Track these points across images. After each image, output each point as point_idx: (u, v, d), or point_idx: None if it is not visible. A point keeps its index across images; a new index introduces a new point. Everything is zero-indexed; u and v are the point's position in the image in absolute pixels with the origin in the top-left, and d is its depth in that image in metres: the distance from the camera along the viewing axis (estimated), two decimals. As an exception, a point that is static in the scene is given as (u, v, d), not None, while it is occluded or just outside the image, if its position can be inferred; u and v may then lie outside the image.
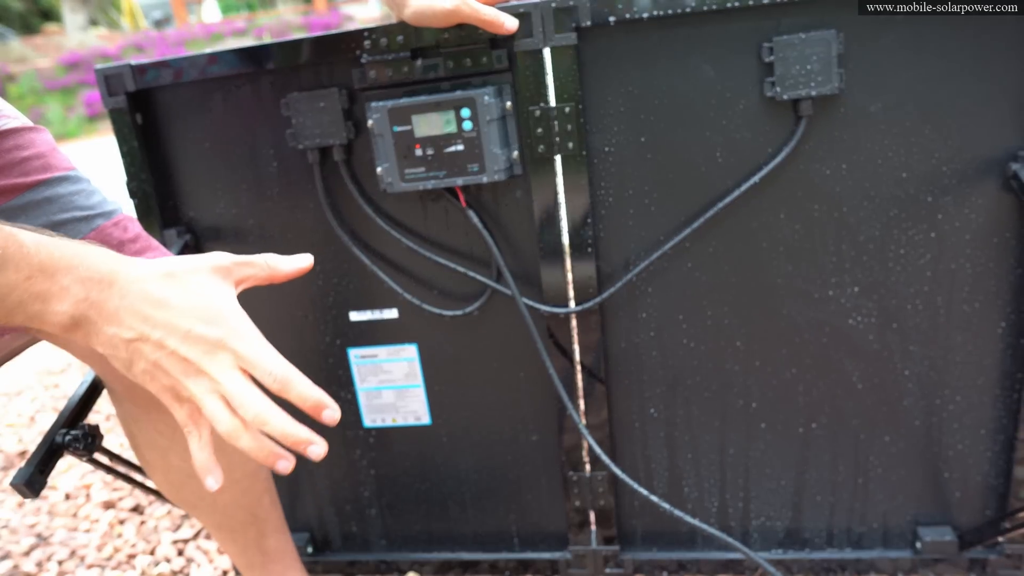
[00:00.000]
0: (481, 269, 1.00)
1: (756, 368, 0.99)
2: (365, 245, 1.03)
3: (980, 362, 0.95)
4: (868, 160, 0.88)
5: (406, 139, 0.91)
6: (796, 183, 0.90)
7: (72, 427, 0.79)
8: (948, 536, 1.01)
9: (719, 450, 1.04)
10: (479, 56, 0.89)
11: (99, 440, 0.80)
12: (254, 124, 1.00)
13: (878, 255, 0.92)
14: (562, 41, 0.87)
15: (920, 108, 0.86)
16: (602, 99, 0.91)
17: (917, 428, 0.99)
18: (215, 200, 1.05)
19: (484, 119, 0.88)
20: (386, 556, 1.19)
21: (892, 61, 0.85)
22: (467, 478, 1.13)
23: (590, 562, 1.11)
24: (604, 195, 0.95)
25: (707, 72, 0.88)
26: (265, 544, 0.99)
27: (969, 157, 0.87)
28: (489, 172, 0.90)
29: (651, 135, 0.91)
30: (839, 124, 0.87)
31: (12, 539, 1.43)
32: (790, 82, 0.84)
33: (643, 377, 1.02)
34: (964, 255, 0.91)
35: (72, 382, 2.14)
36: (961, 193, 0.88)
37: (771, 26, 0.85)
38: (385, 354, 1.09)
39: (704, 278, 0.96)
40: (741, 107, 0.88)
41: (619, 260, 0.97)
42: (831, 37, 0.83)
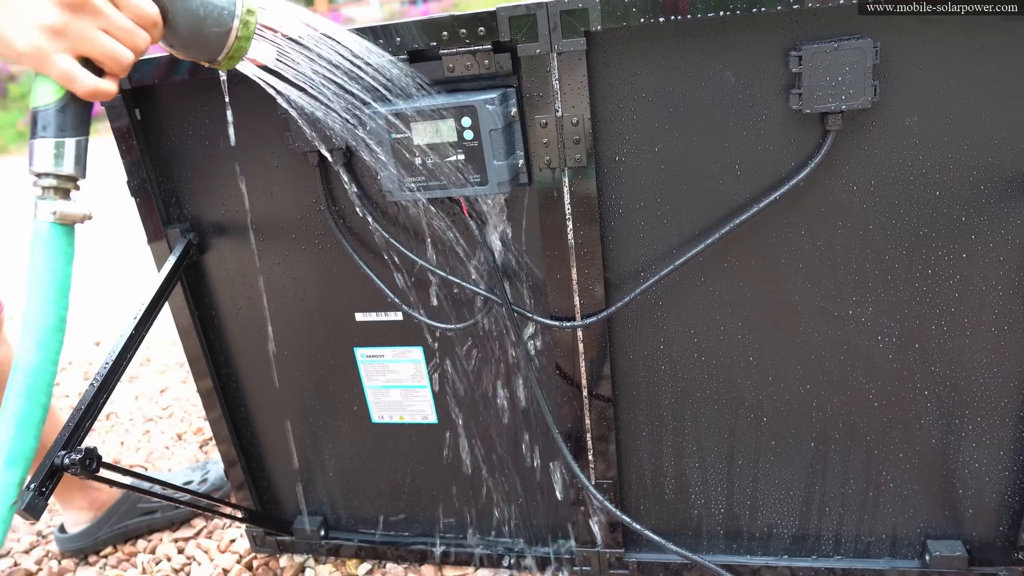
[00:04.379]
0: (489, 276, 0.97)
1: (768, 383, 0.96)
2: (369, 248, 1.00)
3: (1005, 384, 0.91)
4: (899, 177, 0.82)
5: (405, 147, 0.87)
6: (820, 199, 0.85)
7: (71, 449, 0.80)
8: (959, 551, 1.00)
9: (727, 461, 1.02)
10: (482, 59, 0.83)
11: (97, 462, 0.80)
12: (256, 123, 0.96)
13: (904, 275, 0.87)
14: (570, 47, 0.80)
15: (959, 123, 0.79)
16: (614, 107, 0.85)
17: (933, 446, 0.96)
18: (218, 199, 1.02)
19: (486, 128, 0.83)
20: (394, 540, 1.21)
21: (931, 72, 0.77)
22: (474, 474, 1.13)
23: (595, 562, 1.12)
24: (614, 206, 0.90)
25: (728, 79, 0.81)
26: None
27: (1010, 175, 0.80)
28: (491, 185, 0.86)
29: (666, 145, 0.86)
30: (870, 138, 0.81)
31: (12, 537, 1.45)
32: (819, 94, 0.78)
33: (651, 388, 1.00)
34: (996, 276, 0.85)
35: (72, 382, 2.16)
36: (999, 213, 0.82)
37: (800, 32, 0.78)
38: (391, 355, 1.08)
39: (717, 293, 0.92)
40: (764, 118, 0.82)
41: (628, 272, 0.93)
42: (867, 47, 0.75)
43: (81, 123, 0.69)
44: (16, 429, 0.65)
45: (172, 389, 1.98)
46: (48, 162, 0.68)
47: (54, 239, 0.69)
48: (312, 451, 1.18)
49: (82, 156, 0.69)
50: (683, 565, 1.10)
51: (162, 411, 1.87)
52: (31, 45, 0.63)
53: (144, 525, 1.37)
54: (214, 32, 0.72)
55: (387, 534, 1.22)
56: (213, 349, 1.12)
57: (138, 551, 1.34)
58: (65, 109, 0.67)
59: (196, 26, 0.71)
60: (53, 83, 0.67)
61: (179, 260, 1.02)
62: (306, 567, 1.26)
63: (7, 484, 0.64)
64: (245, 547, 1.30)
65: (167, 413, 1.86)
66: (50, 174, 0.68)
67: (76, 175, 0.69)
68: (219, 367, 1.14)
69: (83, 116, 0.69)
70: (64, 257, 0.69)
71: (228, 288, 1.08)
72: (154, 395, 1.96)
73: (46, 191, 0.69)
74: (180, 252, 1.02)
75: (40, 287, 0.68)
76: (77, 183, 0.70)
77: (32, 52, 0.64)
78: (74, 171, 0.69)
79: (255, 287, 1.06)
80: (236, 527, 1.36)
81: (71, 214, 0.69)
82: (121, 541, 1.37)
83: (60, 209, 0.68)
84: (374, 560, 1.24)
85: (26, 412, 0.66)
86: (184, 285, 1.06)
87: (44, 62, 0.65)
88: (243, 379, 1.14)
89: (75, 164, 0.69)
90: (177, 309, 1.08)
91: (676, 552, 0.96)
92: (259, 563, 1.27)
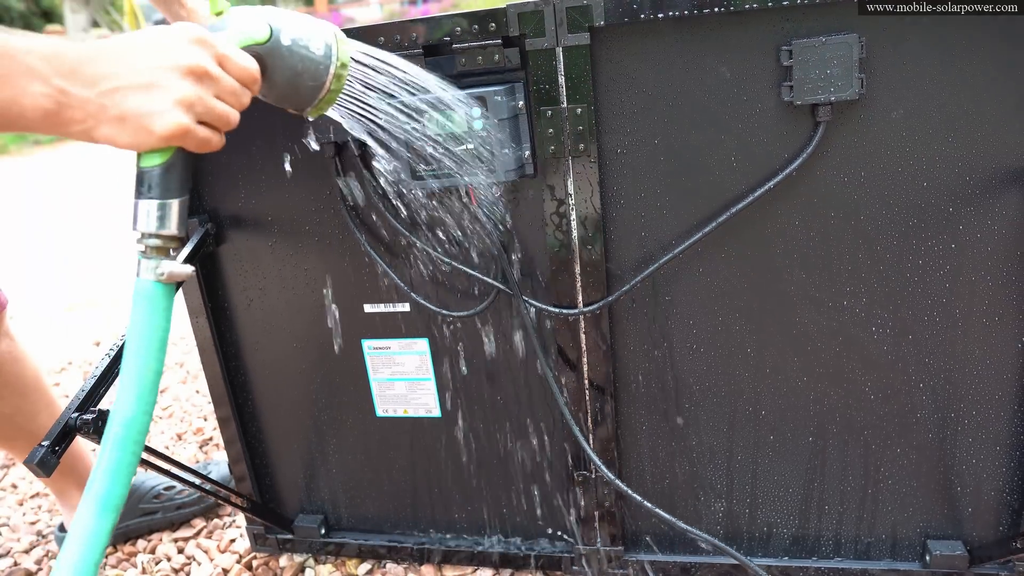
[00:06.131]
0: (493, 265, 1.01)
1: (766, 375, 0.98)
2: (379, 239, 1.04)
3: (998, 376, 0.93)
4: (888, 168, 0.86)
5: (417, 137, 0.91)
6: (812, 190, 0.89)
7: (85, 411, 0.82)
8: (959, 550, 1.00)
9: (727, 456, 1.03)
10: (491, 54, 0.88)
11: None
12: (272, 116, 1.00)
13: (895, 265, 0.90)
14: (575, 41, 0.86)
15: (944, 115, 0.83)
16: (615, 100, 0.89)
17: (930, 441, 0.97)
18: (236, 191, 1.06)
19: (495, 118, 0.88)
20: (395, 540, 1.21)
21: (915, 66, 0.82)
22: (476, 471, 1.14)
23: (594, 561, 1.12)
24: (615, 197, 0.94)
25: (723, 74, 0.86)
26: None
27: (994, 167, 0.84)
28: (499, 172, 0.90)
29: (665, 137, 0.90)
30: (859, 130, 0.85)
31: (12, 536, 1.46)
32: (809, 87, 0.82)
33: (651, 380, 1.01)
34: (985, 267, 0.88)
35: (72, 381, 2.19)
36: (984, 203, 0.86)
37: (790, 28, 0.83)
38: (397, 347, 1.10)
39: (715, 283, 0.95)
40: (758, 110, 0.87)
41: (629, 263, 0.96)
42: (852, 41, 0.80)
43: (184, 183, 0.70)
44: (111, 478, 0.67)
45: (172, 389, 2.00)
46: (152, 223, 0.68)
47: (156, 297, 0.70)
48: (316, 446, 1.19)
49: (184, 216, 0.71)
50: (683, 565, 1.10)
51: (162, 411, 1.88)
52: (173, 124, 0.65)
53: (144, 525, 1.37)
54: (309, 86, 0.74)
55: (387, 534, 1.22)
56: (223, 341, 1.15)
57: (138, 551, 1.34)
58: (170, 170, 0.68)
59: (293, 81, 0.73)
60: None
61: (195, 249, 1.05)
62: (306, 567, 1.25)
63: (100, 530, 0.66)
64: (245, 547, 1.30)
65: (167, 413, 1.87)
66: (154, 235, 0.69)
67: (179, 235, 0.70)
68: (228, 359, 1.16)
69: (186, 176, 0.70)
70: (164, 314, 0.70)
71: (241, 280, 1.11)
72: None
73: (149, 250, 0.69)
74: (197, 241, 1.06)
75: (141, 342, 0.69)
76: (180, 241, 0.72)
77: (174, 131, 0.65)
78: (177, 231, 0.70)
79: (268, 279, 1.10)
80: (236, 527, 1.37)
81: (175, 273, 0.70)
82: (121, 541, 1.37)
83: (163, 269, 0.69)
84: (374, 560, 1.24)
85: (120, 461, 0.67)
86: (199, 275, 1.10)
87: (181, 138, 0.66)
88: (251, 372, 1.17)
89: (178, 225, 0.70)
90: (191, 299, 1.11)
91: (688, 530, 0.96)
92: (259, 563, 1.27)
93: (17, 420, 1.24)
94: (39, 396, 1.26)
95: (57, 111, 0.61)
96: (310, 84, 0.74)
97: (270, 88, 0.74)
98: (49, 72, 0.61)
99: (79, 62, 0.62)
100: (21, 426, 1.24)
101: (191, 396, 1.93)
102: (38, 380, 1.26)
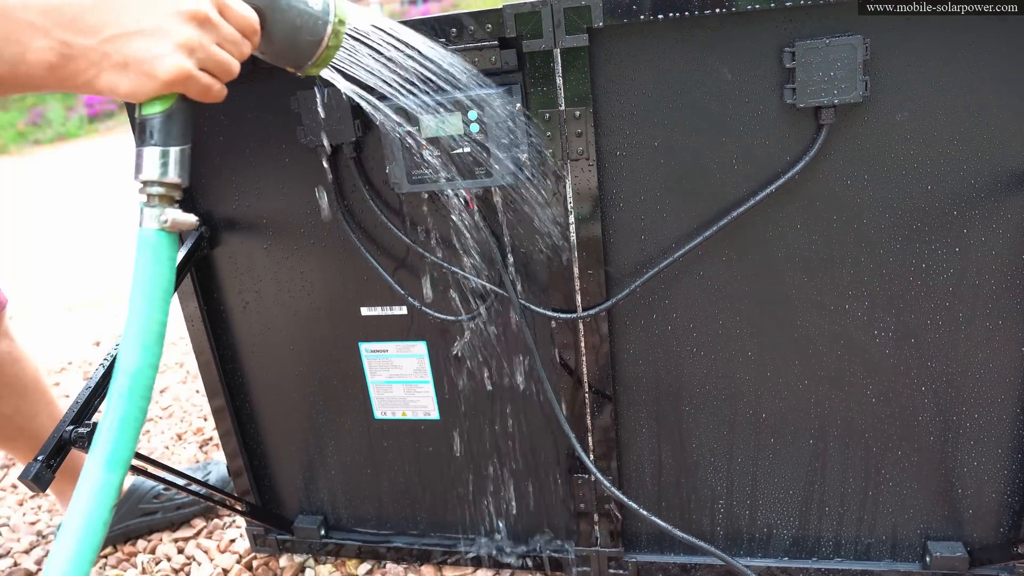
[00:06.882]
0: (491, 268, 0.99)
1: (767, 378, 0.97)
2: (376, 242, 1.03)
3: (1001, 380, 0.92)
4: (892, 171, 0.85)
5: (413, 139, 0.90)
6: (815, 192, 0.87)
7: (79, 424, 0.81)
8: (959, 552, 0.99)
9: (727, 458, 1.03)
10: (488, 55, 0.87)
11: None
12: (267, 119, 0.99)
13: (898, 268, 0.89)
14: (573, 42, 0.84)
15: (949, 118, 0.81)
16: (615, 102, 0.88)
17: (931, 443, 0.96)
18: (230, 193, 1.05)
19: (492, 121, 0.86)
20: (395, 541, 1.21)
21: (921, 68, 0.80)
22: (475, 473, 1.14)
23: (594, 562, 1.11)
24: (615, 199, 0.92)
25: (724, 76, 0.84)
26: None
27: (999, 170, 0.83)
28: (497, 176, 0.89)
29: (665, 139, 0.88)
30: (862, 133, 0.84)
31: (12, 537, 1.45)
32: (812, 89, 0.81)
33: (651, 383, 1.01)
34: (989, 271, 0.87)
35: (72, 381, 2.18)
36: (989, 207, 0.84)
37: (793, 30, 0.81)
38: (395, 350, 1.09)
39: (716, 286, 0.94)
40: (759, 113, 0.85)
41: (629, 266, 0.95)
42: (857, 43, 0.78)
43: (186, 132, 0.70)
44: (117, 431, 0.65)
45: (172, 389, 1.99)
46: (155, 170, 0.68)
47: (160, 246, 0.69)
48: (314, 448, 1.19)
49: (186, 164, 0.70)
50: (682, 565, 1.10)
51: (162, 411, 1.88)
52: (176, 67, 0.64)
53: (144, 525, 1.37)
54: (307, 40, 0.74)
55: (387, 534, 1.22)
56: (220, 344, 1.14)
57: (138, 551, 1.34)
58: (172, 117, 0.68)
59: (291, 35, 0.73)
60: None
61: (190, 253, 1.04)
62: (306, 567, 1.25)
63: (108, 485, 0.64)
64: (245, 547, 1.30)
65: (167, 413, 1.87)
66: (157, 182, 0.68)
67: (181, 183, 0.70)
68: (225, 362, 1.15)
69: (188, 125, 0.70)
70: (169, 264, 0.70)
71: (236, 282, 1.10)
72: (154, 395, 1.97)
73: (152, 199, 0.69)
74: (192, 245, 1.05)
75: (146, 292, 0.68)
76: (181, 190, 0.71)
77: (177, 74, 0.65)
78: (179, 179, 0.70)
79: (263, 281, 1.09)
80: (236, 527, 1.37)
81: (179, 221, 0.69)
82: (121, 541, 1.37)
83: (167, 217, 0.69)
84: (374, 560, 1.24)
85: (127, 415, 0.66)
86: (194, 278, 1.08)
87: (183, 83, 0.66)
88: (248, 374, 1.16)
89: (180, 173, 0.70)
90: (186, 302, 1.10)
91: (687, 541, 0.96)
92: (259, 563, 1.27)
93: (17, 420, 1.23)
94: (39, 396, 1.26)
95: (62, 64, 0.62)
96: (308, 39, 0.74)
97: (268, 44, 0.74)
98: (49, 25, 0.61)
99: (79, 12, 0.62)
100: (21, 426, 1.24)
101: (191, 396, 1.93)
102: (37, 380, 1.26)
